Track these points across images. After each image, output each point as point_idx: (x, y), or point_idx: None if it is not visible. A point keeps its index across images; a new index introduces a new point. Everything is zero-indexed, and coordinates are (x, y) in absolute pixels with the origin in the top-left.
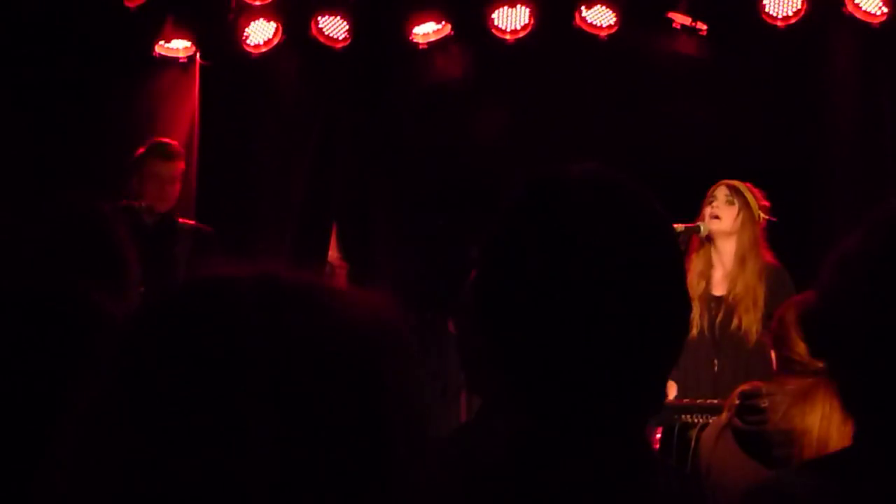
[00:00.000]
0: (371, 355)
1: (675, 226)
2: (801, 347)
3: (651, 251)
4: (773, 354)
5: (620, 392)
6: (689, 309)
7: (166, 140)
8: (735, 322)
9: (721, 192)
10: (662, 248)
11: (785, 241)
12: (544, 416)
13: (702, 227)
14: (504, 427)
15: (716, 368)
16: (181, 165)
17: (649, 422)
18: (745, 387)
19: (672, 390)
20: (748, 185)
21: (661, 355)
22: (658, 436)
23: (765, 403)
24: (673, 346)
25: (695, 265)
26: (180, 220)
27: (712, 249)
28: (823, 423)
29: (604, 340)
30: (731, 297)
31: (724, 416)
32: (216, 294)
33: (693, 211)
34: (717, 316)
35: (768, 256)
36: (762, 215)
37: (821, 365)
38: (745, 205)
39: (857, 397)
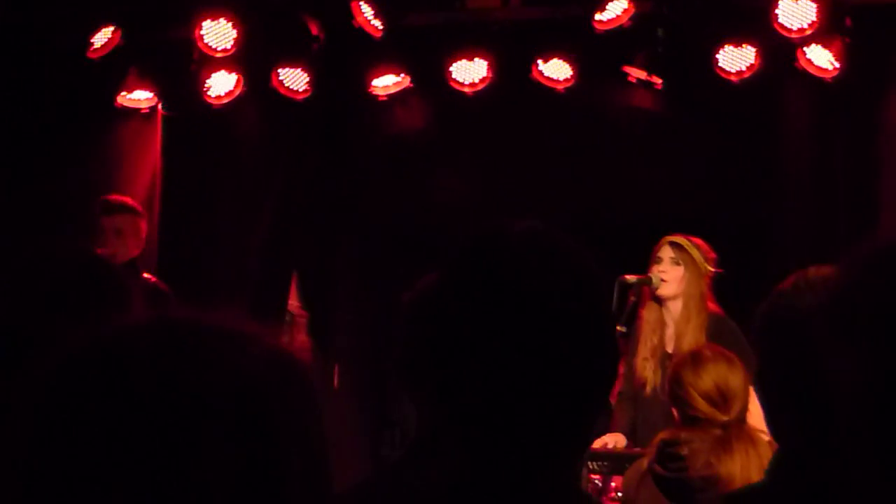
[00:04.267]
0: (264, 399)
1: (627, 277)
2: (701, 404)
3: (581, 305)
4: (674, 412)
5: (551, 434)
6: (616, 356)
7: (113, 196)
8: None
9: (665, 254)
10: (592, 303)
11: (738, 294)
12: (478, 459)
13: (653, 279)
14: (434, 470)
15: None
16: (127, 219)
17: (578, 463)
18: (664, 434)
19: (621, 441)
20: (693, 238)
21: (589, 399)
22: (613, 484)
23: (685, 451)
24: (599, 392)
25: (647, 321)
26: (144, 274)
27: (662, 308)
28: (744, 470)
29: (533, 383)
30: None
31: (645, 462)
32: (114, 342)
33: (647, 261)
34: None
35: (714, 307)
36: (708, 268)
37: (725, 418)
38: (691, 262)
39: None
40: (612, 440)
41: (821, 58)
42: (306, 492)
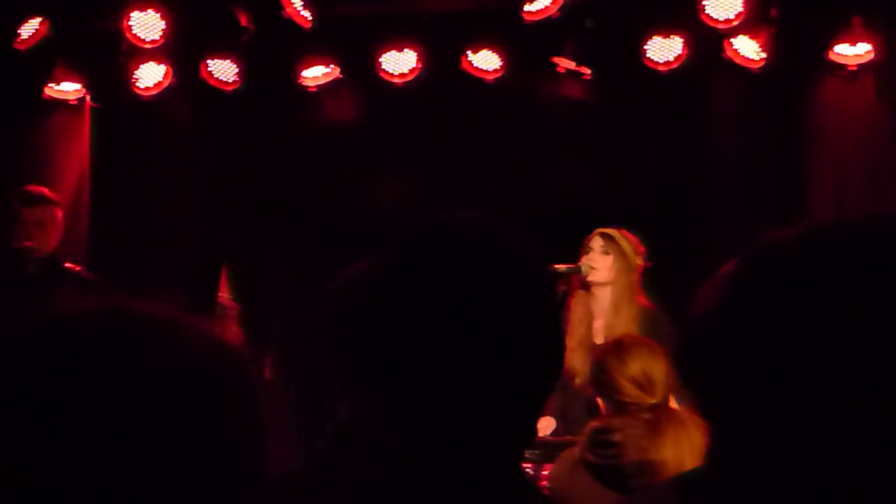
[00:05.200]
0: (208, 387)
1: (557, 266)
2: (629, 388)
3: (525, 293)
4: (600, 401)
5: (495, 425)
6: (562, 347)
7: (32, 187)
8: None
9: (596, 244)
10: (536, 290)
11: (668, 282)
12: (422, 449)
13: (583, 268)
14: (371, 459)
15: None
16: (47, 210)
17: (524, 454)
18: (595, 422)
19: (551, 425)
20: (623, 231)
21: (534, 390)
22: (545, 473)
23: (618, 437)
24: (545, 381)
25: (576, 311)
26: (67, 264)
27: (591, 298)
28: (677, 452)
29: (478, 375)
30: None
31: (576, 450)
32: (59, 329)
33: (578, 251)
34: None
35: (643, 300)
36: (638, 261)
37: (653, 400)
38: (620, 253)
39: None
40: (542, 424)
41: (748, 48)
42: (245, 476)
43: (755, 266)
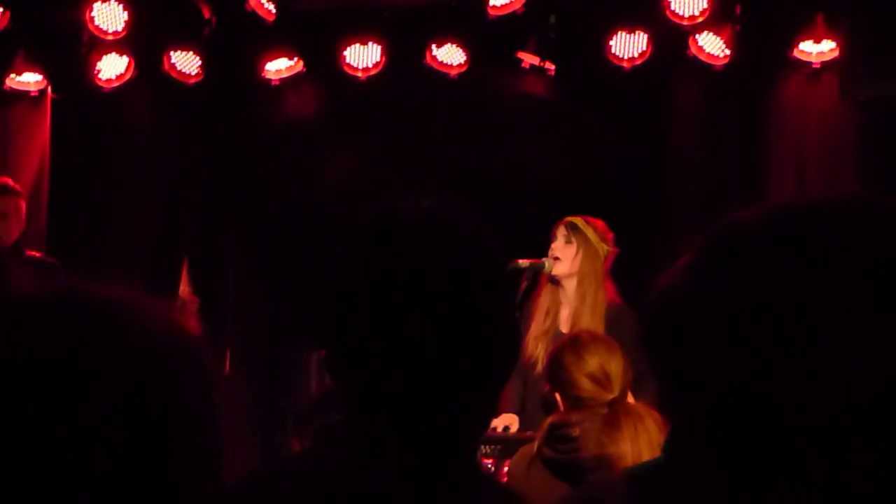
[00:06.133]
0: (163, 368)
1: (521, 261)
2: (586, 383)
3: (481, 282)
4: (557, 397)
5: (450, 414)
6: (516, 338)
7: None
8: None
9: (560, 233)
10: (492, 280)
11: (630, 277)
12: (377, 438)
13: (546, 264)
14: (340, 450)
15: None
16: (10, 200)
17: (478, 443)
18: (553, 417)
19: (514, 424)
20: (588, 218)
21: (489, 380)
22: (505, 468)
23: (576, 432)
24: (500, 371)
25: (543, 302)
26: (27, 252)
27: (559, 289)
28: (634, 446)
29: (432, 364)
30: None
31: (534, 446)
32: (16, 308)
33: (542, 247)
34: None
35: (612, 293)
36: (605, 248)
37: (610, 396)
38: (585, 241)
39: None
40: (504, 422)
41: (712, 45)
42: (198, 462)
43: (718, 243)
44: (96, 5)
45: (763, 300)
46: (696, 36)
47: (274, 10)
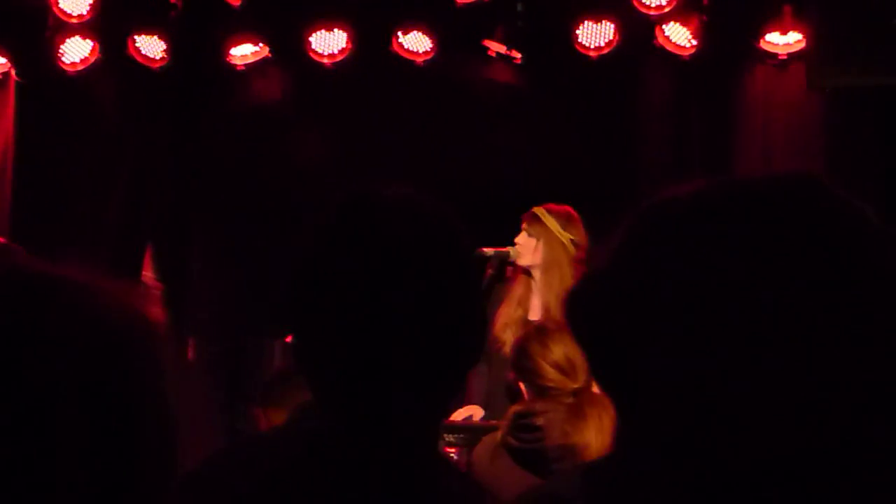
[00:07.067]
0: (118, 351)
1: (486, 249)
2: (551, 373)
3: (447, 268)
4: (521, 386)
5: (412, 396)
6: (482, 325)
7: None
8: None
9: (523, 226)
10: (458, 266)
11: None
12: (340, 418)
13: (511, 252)
14: (305, 430)
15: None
16: None
17: (439, 428)
18: (518, 406)
19: (478, 414)
20: (552, 206)
21: (453, 364)
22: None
23: (540, 421)
24: (465, 356)
25: (515, 290)
26: None
27: (531, 280)
28: (599, 436)
29: (396, 346)
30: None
31: (498, 435)
32: None
33: (508, 236)
34: None
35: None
36: (570, 236)
37: (575, 385)
38: (545, 232)
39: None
40: (469, 413)
41: (679, 35)
42: (155, 447)
43: (645, 222)
44: None
45: (688, 283)
46: (663, 26)
47: None
